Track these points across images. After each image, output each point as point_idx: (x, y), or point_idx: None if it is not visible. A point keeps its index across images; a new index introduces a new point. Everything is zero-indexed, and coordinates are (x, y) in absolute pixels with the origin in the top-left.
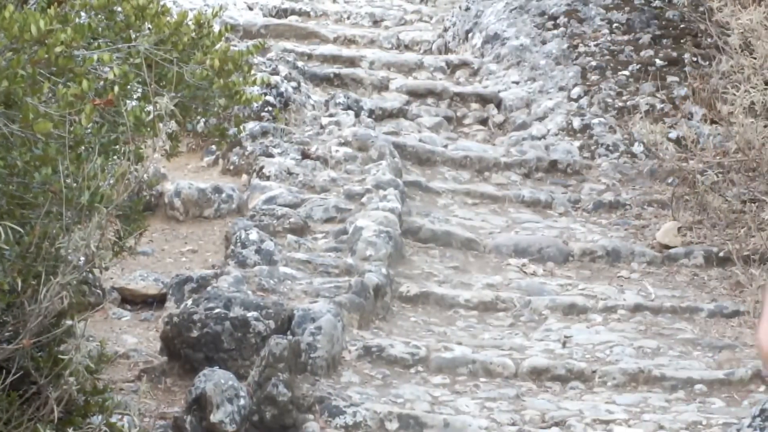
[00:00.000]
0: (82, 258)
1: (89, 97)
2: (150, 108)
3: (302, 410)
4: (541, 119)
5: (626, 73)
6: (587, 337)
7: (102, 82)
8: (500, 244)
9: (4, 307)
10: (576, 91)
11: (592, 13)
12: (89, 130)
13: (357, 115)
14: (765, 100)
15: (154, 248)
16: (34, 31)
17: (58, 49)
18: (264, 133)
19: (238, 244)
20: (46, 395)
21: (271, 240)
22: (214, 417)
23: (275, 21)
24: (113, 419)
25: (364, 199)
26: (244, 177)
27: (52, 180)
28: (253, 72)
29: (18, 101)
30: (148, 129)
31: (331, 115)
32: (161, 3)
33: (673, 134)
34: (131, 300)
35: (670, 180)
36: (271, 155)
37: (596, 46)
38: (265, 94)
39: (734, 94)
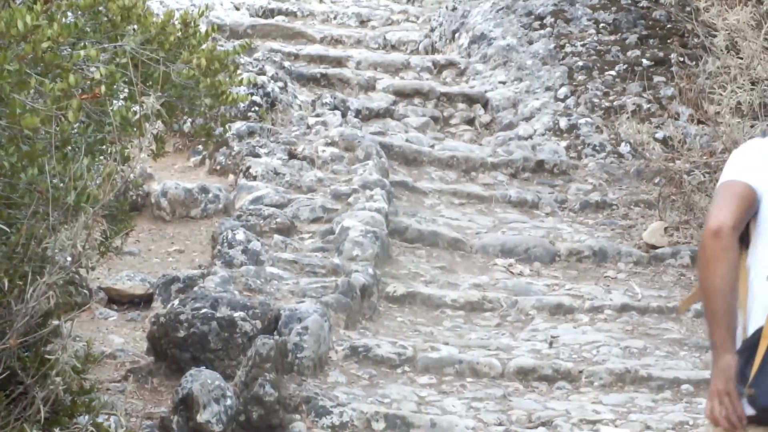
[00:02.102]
0: (69, 258)
1: (76, 92)
2: (136, 108)
3: (289, 410)
4: (527, 119)
5: (613, 73)
6: (574, 337)
7: (89, 82)
8: (487, 244)
9: None
10: (563, 91)
11: (578, 13)
12: (75, 130)
13: (344, 115)
14: (751, 100)
15: (140, 248)
16: (21, 26)
17: (44, 45)
18: (251, 133)
19: (225, 244)
20: (33, 395)
21: (258, 240)
22: (201, 417)
23: (262, 21)
24: (100, 419)
25: (350, 199)
26: (231, 177)
27: (38, 180)
28: (239, 72)
29: (5, 97)
30: (135, 129)
31: (317, 115)
32: (146, 4)
33: (659, 134)
34: (118, 300)
35: (656, 180)
36: (257, 155)
37: (583, 46)
38: (252, 94)
39: (721, 94)
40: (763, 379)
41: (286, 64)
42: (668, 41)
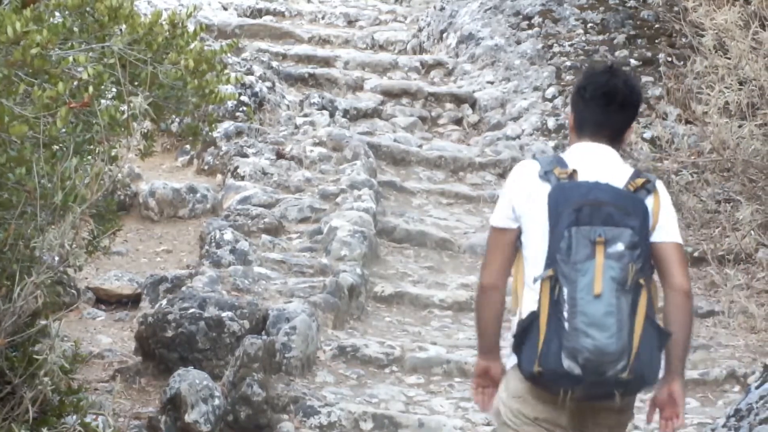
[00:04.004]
0: (57, 258)
1: (65, 99)
2: (124, 107)
3: (277, 410)
4: (515, 119)
5: None
6: None
7: (76, 82)
8: (475, 244)
9: None
10: (551, 91)
11: (566, 13)
12: (63, 130)
13: (332, 115)
14: (739, 100)
15: (128, 248)
16: (10, 32)
17: (33, 51)
18: (239, 133)
19: (213, 244)
20: (21, 395)
21: (246, 240)
22: (189, 417)
23: (250, 21)
24: (88, 419)
25: (338, 199)
26: (219, 177)
27: (26, 180)
28: (226, 71)
29: None
30: (123, 129)
31: (305, 115)
32: (134, 4)
33: (647, 134)
34: (106, 300)
35: None
36: (245, 155)
37: (571, 46)
38: (240, 93)
39: (709, 94)
40: (546, 360)
41: (274, 64)
42: (656, 41)
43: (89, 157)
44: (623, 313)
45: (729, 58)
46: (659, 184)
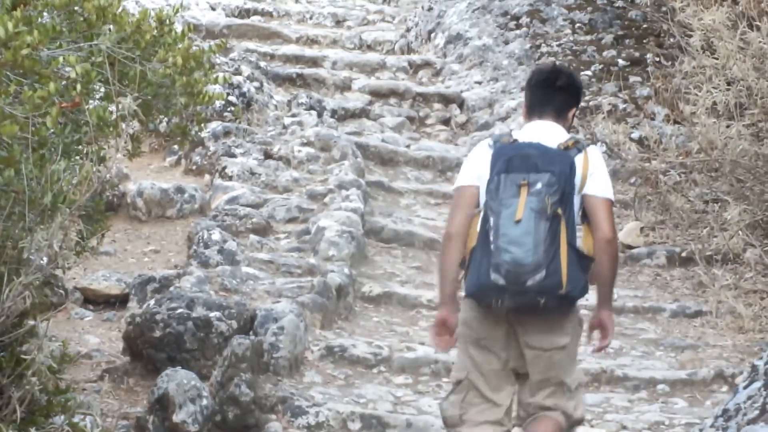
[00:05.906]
0: (45, 258)
1: (54, 99)
2: (113, 107)
3: (265, 410)
4: (503, 119)
5: (589, 73)
6: None
7: (64, 81)
8: None
9: None
10: None
11: (554, 13)
12: (52, 131)
13: (319, 115)
14: (727, 101)
15: (116, 248)
16: (2, 33)
17: (24, 52)
18: (226, 133)
19: (201, 244)
20: (9, 395)
21: (234, 240)
22: (177, 417)
23: (238, 21)
24: (76, 419)
25: (326, 199)
26: (207, 177)
27: (15, 181)
28: (214, 71)
29: None
30: (111, 129)
31: (293, 115)
32: (122, 3)
33: (635, 134)
34: (94, 300)
35: (632, 180)
36: (233, 155)
37: (559, 46)
38: (228, 93)
39: (697, 95)
40: (479, 276)
41: (262, 64)
42: (644, 41)
43: (78, 158)
44: (540, 235)
45: (717, 59)
46: (592, 148)
